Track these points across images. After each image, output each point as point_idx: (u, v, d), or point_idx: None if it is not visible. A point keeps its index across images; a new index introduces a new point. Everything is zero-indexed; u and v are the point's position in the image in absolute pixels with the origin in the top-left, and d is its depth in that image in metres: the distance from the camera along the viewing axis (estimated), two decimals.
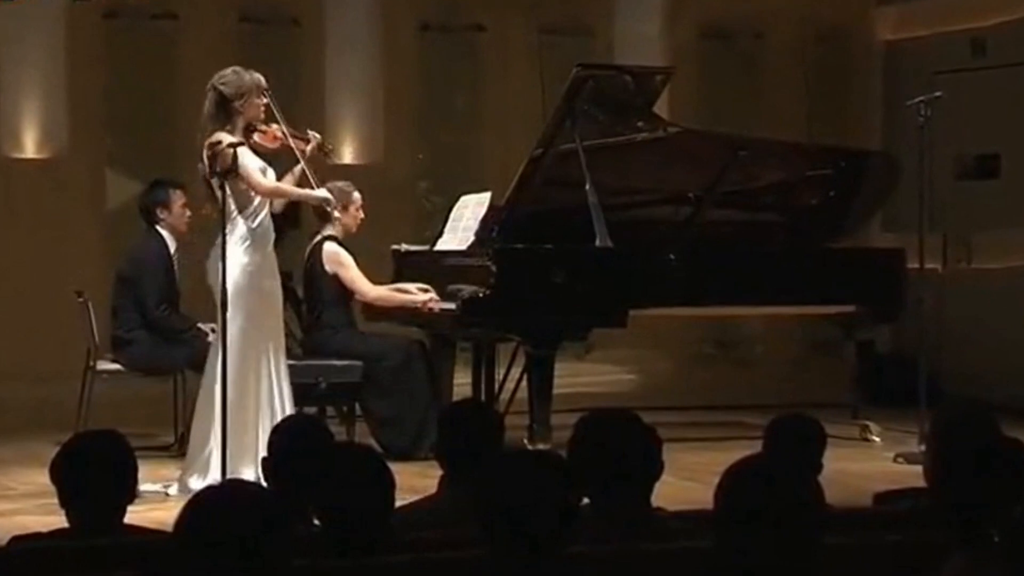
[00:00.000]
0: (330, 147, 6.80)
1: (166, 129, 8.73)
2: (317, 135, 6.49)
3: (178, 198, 7.30)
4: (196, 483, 5.97)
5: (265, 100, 6.21)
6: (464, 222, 7.48)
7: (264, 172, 6.24)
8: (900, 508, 3.57)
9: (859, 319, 7.77)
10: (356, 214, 7.29)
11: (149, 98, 8.94)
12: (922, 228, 7.42)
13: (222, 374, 5.92)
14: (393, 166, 9.36)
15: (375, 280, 7.44)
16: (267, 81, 6.27)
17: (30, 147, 8.82)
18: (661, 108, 7.71)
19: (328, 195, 6.54)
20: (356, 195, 7.30)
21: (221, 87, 6.19)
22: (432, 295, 7.19)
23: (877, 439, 7.73)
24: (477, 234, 7.31)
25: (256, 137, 6.23)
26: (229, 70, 6.24)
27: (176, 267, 7.27)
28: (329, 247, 7.24)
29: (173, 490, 6.08)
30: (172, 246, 7.30)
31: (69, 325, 7.54)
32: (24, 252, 8.62)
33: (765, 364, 9.88)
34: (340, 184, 7.27)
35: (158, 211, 7.31)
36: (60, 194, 8.74)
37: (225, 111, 6.17)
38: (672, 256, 7.12)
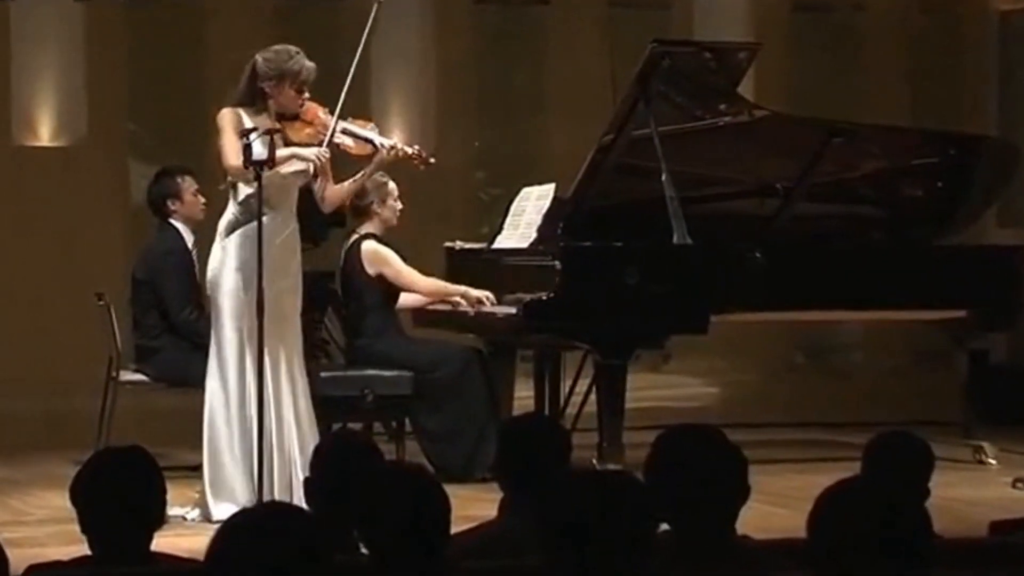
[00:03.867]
0: (422, 156, 6.56)
1: (195, 114, 8.79)
2: (393, 144, 6.36)
3: (189, 185, 7.35)
4: (215, 507, 6.04)
5: (305, 95, 6.15)
6: (526, 217, 7.49)
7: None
8: (1019, 540, 3.55)
9: (971, 326, 7.71)
10: (394, 205, 7.31)
11: (176, 80, 9.01)
12: None
13: (220, 386, 6.04)
14: (446, 154, 9.35)
15: None
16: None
17: (45, 134, 8.92)
18: (746, 89, 7.69)
19: (309, 157, 6.14)
20: (392, 185, 7.31)
21: (259, 59, 6.19)
22: (486, 294, 7.20)
23: (993, 462, 7.67)
24: (540, 230, 7.32)
25: (289, 131, 6.19)
26: (282, 46, 6.22)
27: (196, 262, 7.31)
28: (368, 246, 7.26)
29: (193, 515, 6.13)
30: (189, 239, 7.34)
31: (89, 331, 7.62)
32: (39, 250, 8.72)
33: (863, 376, 9.82)
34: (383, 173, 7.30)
35: (169, 203, 7.36)
36: (78, 186, 8.83)
37: (251, 88, 6.17)
38: (758, 254, 7.10)
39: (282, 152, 6.07)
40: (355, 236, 7.32)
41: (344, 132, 6.25)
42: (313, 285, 7.88)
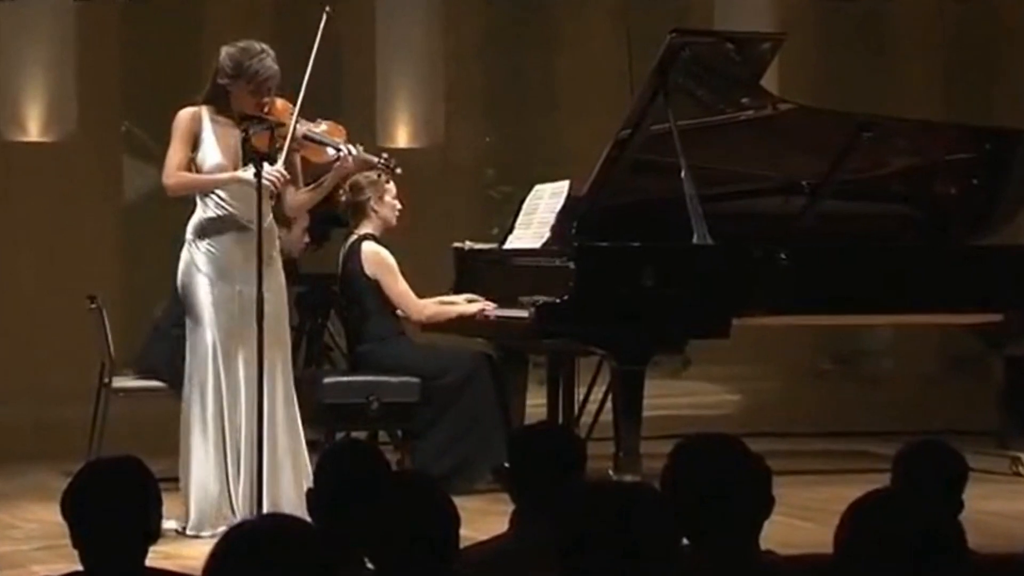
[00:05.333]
0: (388, 166, 6.66)
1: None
2: (355, 151, 6.23)
3: None
4: (190, 524, 6.03)
5: (265, 100, 6.02)
6: (538, 216, 7.50)
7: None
8: None
9: (1008, 330, 7.70)
10: (393, 203, 7.32)
11: (172, 72, 9.03)
12: None
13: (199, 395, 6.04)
14: (455, 150, 9.40)
15: (433, 285, 7.48)
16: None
17: (34, 129, 8.95)
18: (770, 81, 7.69)
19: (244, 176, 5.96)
20: (389, 183, 7.33)
21: (223, 52, 6.08)
22: (483, 303, 7.21)
23: None
24: (553, 230, 7.33)
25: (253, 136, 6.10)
26: (249, 43, 6.09)
27: None
28: (368, 247, 7.28)
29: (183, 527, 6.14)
30: None
31: (80, 336, 7.64)
32: (27, 251, 8.74)
33: (893, 383, 9.82)
34: (368, 172, 7.30)
35: None
36: (69, 184, 8.86)
37: (214, 84, 6.08)
38: (783, 255, 7.11)
39: (222, 176, 6.00)
40: (354, 237, 7.34)
41: (304, 138, 6.15)
42: (314, 288, 7.91)
